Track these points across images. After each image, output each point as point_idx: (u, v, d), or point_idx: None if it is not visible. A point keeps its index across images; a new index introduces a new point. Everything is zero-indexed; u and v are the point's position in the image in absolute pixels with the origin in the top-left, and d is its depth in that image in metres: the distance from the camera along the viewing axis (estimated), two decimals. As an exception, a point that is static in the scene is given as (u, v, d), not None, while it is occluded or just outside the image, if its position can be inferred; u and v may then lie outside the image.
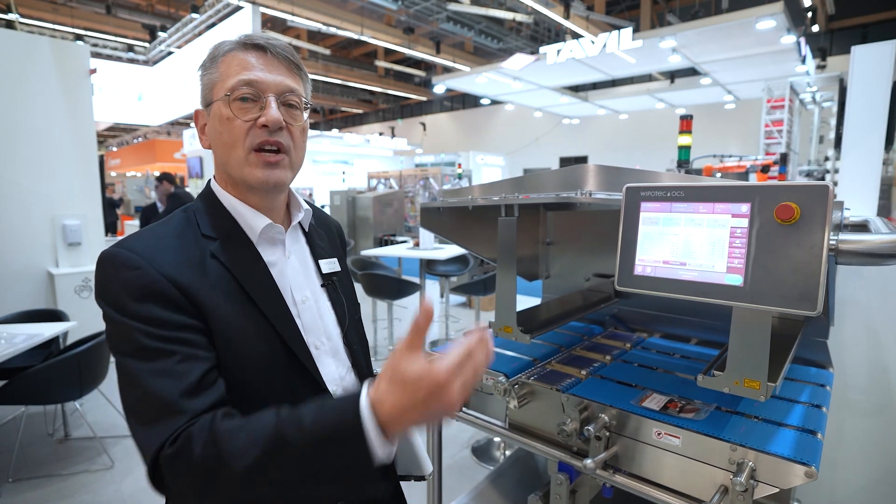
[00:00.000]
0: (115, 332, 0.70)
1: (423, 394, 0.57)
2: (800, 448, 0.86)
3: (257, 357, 0.77)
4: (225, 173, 0.84)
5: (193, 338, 0.70)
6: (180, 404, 0.64)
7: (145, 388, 0.65)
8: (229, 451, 0.59)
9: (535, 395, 1.15)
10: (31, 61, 3.96)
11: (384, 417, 0.58)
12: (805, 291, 0.67)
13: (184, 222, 0.81)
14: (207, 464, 0.59)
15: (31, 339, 2.63)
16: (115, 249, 0.73)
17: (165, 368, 0.66)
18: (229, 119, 0.79)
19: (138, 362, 0.67)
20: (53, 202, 4.10)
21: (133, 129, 20.45)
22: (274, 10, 9.77)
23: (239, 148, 0.79)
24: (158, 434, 0.62)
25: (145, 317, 0.68)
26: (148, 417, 0.65)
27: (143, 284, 0.70)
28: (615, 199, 1.02)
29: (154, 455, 0.62)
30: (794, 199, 0.69)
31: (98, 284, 0.73)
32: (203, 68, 0.84)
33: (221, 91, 0.80)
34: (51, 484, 2.66)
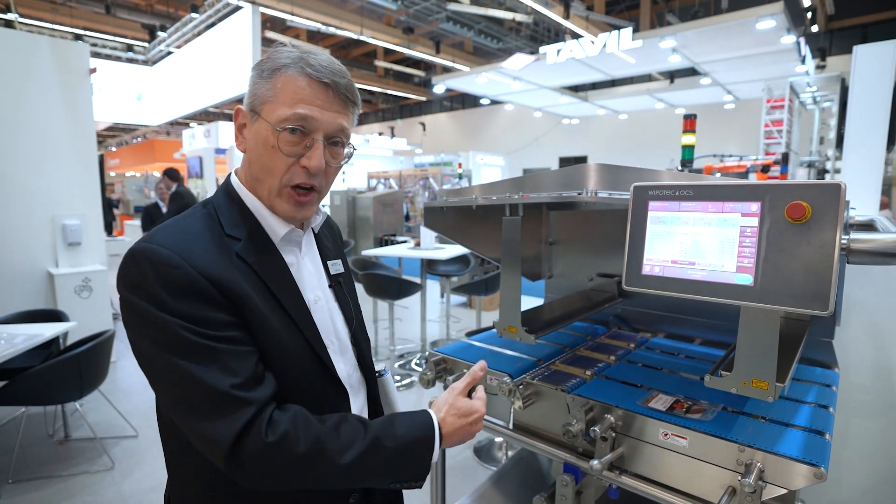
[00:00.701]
0: (154, 328, 0.69)
1: (471, 420, 0.88)
2: (808, 449, 0.85)
3: (288, 354, 0.79)
4: (253, 183, 0.84)
5: (238, 335, 0.73)
6: (246, 396, 0.69)
7: (204, 384, 0.68)
8: (334, 449, 0.71)
9: (540, 396, 1.14)
10: (31, 61, 3.95)
11: (445, 432, 0.84)
12: (817, 291, 0.67)
13: (206, 218, 0.81)
14: (312, 457, 0.70)
15: (31, 339, 2.62)
16: (151, 245, 0.71)
17: (220, 364, 0.69)
18: (273, 148, 0.78)
19: (189, 361, 0.68)
20: (53, 202, 4.09)
21: (132, 129, 20.43)
22: (273, 10, 9.75)
23: (276, 178, 0.80)
24: (231, 425, 0.67)
25: (189, 315, 0.69)
26: (213, 411, 0.68)
27: (185, 283, 0.70)
28: (618, 198, 1.02)
29: (232, 443, 0.67)
30: (806, 198, 0.68)
31: (131, 279, 0.71)
32: (259, 73, 0.80)
33: (272, 115, 0.77)
34: (51, 485, 2.65)
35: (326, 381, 0.85)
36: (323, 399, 0.84)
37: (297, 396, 0.80)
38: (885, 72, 3.87)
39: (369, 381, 0.99)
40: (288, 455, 0.69)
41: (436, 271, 4.61)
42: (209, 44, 8.34)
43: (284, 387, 0.78)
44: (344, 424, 0.75)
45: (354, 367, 0.95)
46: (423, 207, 1.50)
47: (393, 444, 0.76)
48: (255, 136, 0.80)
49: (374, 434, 0.75)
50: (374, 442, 0.75)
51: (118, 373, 4.22)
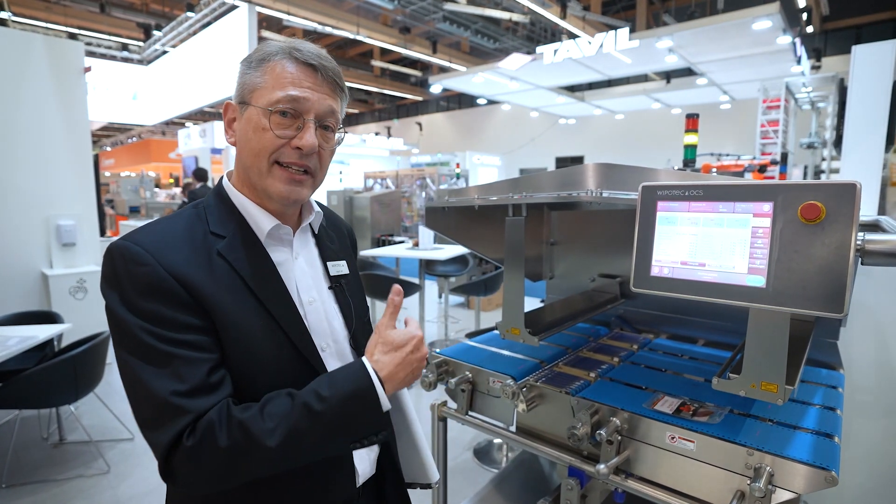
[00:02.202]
0: (118, 326, 0.70)
1: (409, 350, 0.80)
2: (818, 452, 0.84)
3: (264, 356, 0.77)
4: (245, 175, 0.83)
5: (197, 339, 0.71)
6: (185, 405, 0.67)
7: (148, 389, 0.67)
8: (259, 432, 0.66)
9: (543, 399, 1.13)
10: (25, 59, 3.91)
11: (385, 375, 0.76)
12: (831, 293, 0.65)
13: (193, 218, 0.81)
14: (237, 447, 0.66)
15: (24, 341, 2.58)
16: (125, 243, 0.72)
17: (170, 370, 0.68)
18: (264, 129, 0.77)
19: (142, 362, 0.68)
20: (47, 202, 4.04)
21: (127, 128, 20.32)
22: (270, 10, 9.72)
23: (264, 159, 0.79)
24: (166, 433, 0.66)
25: (151, 315, 0.69)
26: (153, 417, 0.68)
27: (151, 282, 0.70)
28: (621, 198, 1.01)
29: (165, 451, 0.66)
30: (820, 198, 0.67)
31: (105, 275, 0.73)
32: (248, 65, 0.81)
33: (263, 99, 0.78)
34: (46, 489, 2.61)
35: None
36: None
37: None
38: (883, 72, 3.88)
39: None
40: (212, 452, 0.66)
41: (434, 272, 4.60)
42: (205, 43, 8.30)
43: (261, 391, 0.75)
44: (269, 403, 0.70)
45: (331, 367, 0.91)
46: (420, 208, 1.49)
47: (324, 407, 0.70)
48: (246, 123, 0.80)
49: (301, 402, 0.70)
50: (302, 411, 0.69)
51: (114, 375, 4.17)
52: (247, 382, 0.75)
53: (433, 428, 1.33)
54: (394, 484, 0.97)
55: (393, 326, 0.81)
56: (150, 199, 12.13)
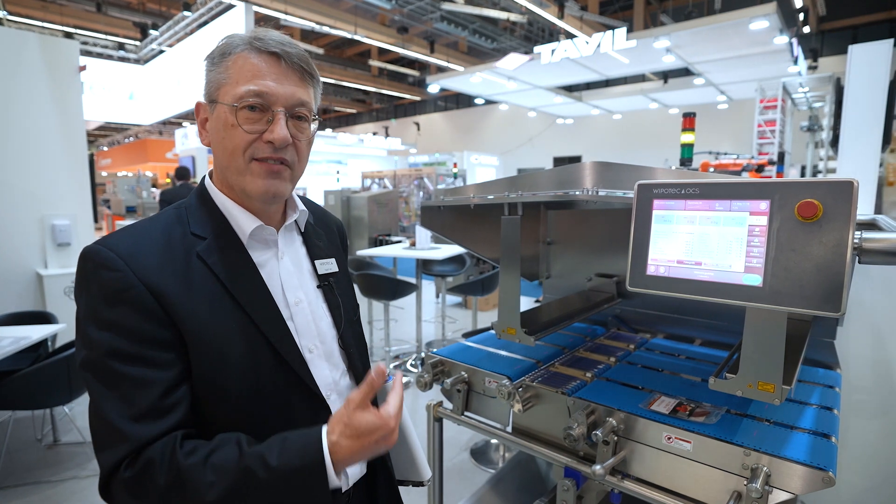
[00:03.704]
0: (81, 339, 0.70)
1: (374, 439, 0.69)
2: (815, 452, 0.83)
3: (240, 362, 0.74)
4: (223, 175, 0.81)
5: (157, 355, 0.69)
6: (126, 431, 0.65)
7: (99, 409, 0.67)
8: (196, 485, 0.64)
9: (539, 399, 1.12)
10: (19, 58, 3.88)
11: (339, 458, 0.68)
12: (829, 292, 0.65)
13: (173, 219, 0.79)
14: (172, 494, 0.64)
15: (18, 342, 2.57)
16: (97, 247, 0.71)
17: (119, 392, 0.67)
18: (233, 126, 0.75)
19: (96, 380, 0.67)
20: (42, 202, 4.02)
21: (124, 128, 20.26)
22: (267, 9, 9.69)
23: (239, 155, 0.76)
24: (108, 457, 0.65)
25: (113, 325, 0.68)
26: (100, 438, 0.67)
27: (119, 290, 0.68)
28: (618, 196, 1.00)
29: (107, 475, 0.66)
30: (817, 196, 0.66)
31: (76, 280, 0.72)
32: (210, 61, 0.79)
33: (228, 95, 0.75)
34: (39, 491, 2.59)
35: (298, 392, 0.79)
36: (292, 410, 0.78)
37: (261, 411, 0.75)
38: (879, 71, 3.89)
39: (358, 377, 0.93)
40: (150, 488, 0.64)
41: (431, 271, 4.59)
42: (202, 43, 8.26)
43: (242, 401, 0.73)
44: (218, 451, 0.66)
45: (343, 373, 0.89)
46: (418, 207, 1.48)
47: (266, 476, 0.65)
48: (216, 121, 0.78)
49: (245, 465, 0.65)
50: (243, 474, 0.65)
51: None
52: (220, 390, 0.72)
53: (429, 428, 1.32)
54: (385, 483, 0.95)
55: (366, 406, 0.70)
56: (147, 198, 12.09)
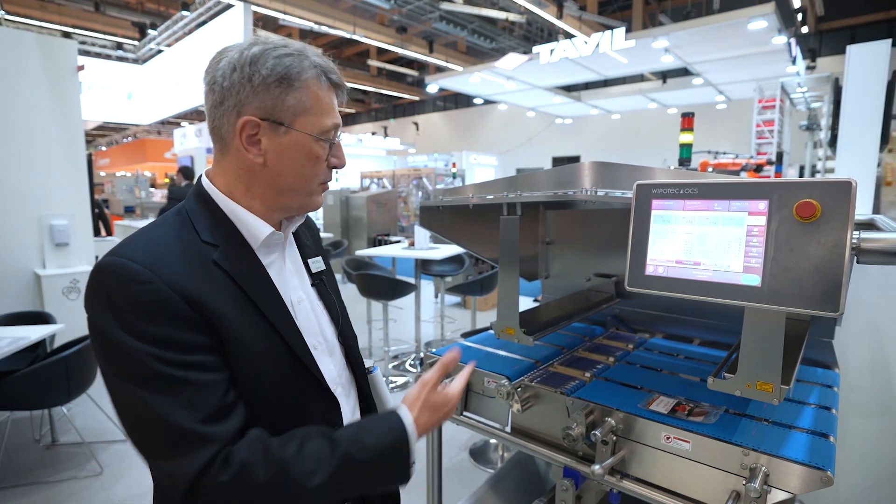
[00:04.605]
0: (116, 353, 0.65)
1: (444, 413, 0.86)
2: (814, 452, 0.84)
3: (266, 363, 0.76)
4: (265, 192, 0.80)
5: (206, 359, 0.68)
6: (205, 432, 0.65)
7: (161, 419, 0.64)
8: (298, 476, 0.67)
9: (538, 399, 1.12)
10: (17, 57, 3.87)
11: (418, 432, 0.80)
12: (827, 292, 0.65)
13: (179, 226, 0.76)
14: (276, 485, 0.66)
15: (16, 342, 2.56)
16: (118, 260, 0.67)
17: (183, 397, 0.65)
18: (318, 158, 0.80)
19: (149, 391, 0.64)
20: (40, 202, 4.01)
21: (123, 128, 20.21)
22: (266, 9, 9.68)
23: (313, 183, 0.82)
24: (191, 463, 0.63)
25: (156, 339, 0.65)
26: (170, 448, 0.64)
27: (155, 302, 0.66)
28: (617, 196, 1.00)
29: (192, 481, 0.63)
30: (816, 196, 0.66)
31: (96, 298, 0.67)
32: (276, 79, 0.74)
33: (312, 126, 0.77)
34: (38, 492, 2.59)
35: (312, 389, 0.82)
36: (310, 407, 0.81)
37: (281, 409, 0.77)
38: (877, 71, 3.89)
39: (360, 378, 0.96)
40: (246, 488, 0.65)
41: (430, 271, 4.58)
42: (200, 42, 8.24)
43: (266, 401, 0.75)
44: (308, 443, 0.70)
45: (343, 367, 0.92)
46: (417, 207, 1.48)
47: (365, 456, 0.72)
48: (292, 148, 0.77)
49: (344, 450, 0.71)
50: (344, 458, 0.71)
51: (107, 375, 4.15)
52: (251, 392, 0.74)
53: (428, 428, 1.32)
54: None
55: (437, 387, 0.85)
56: (146, 198, 12.08)
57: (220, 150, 0.80)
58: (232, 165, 0.79)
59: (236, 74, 0.73)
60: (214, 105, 0.76)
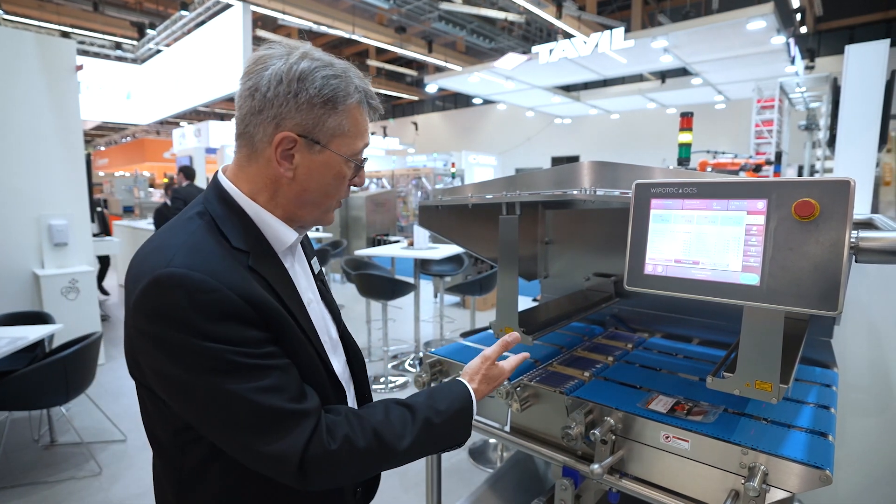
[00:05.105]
0: (197, 357, 0.67)
1: (497, 384, 0.96)
2: (812, 451, 0.84)
3: (300, 362, 0.78)
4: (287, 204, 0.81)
5: (275, 350, 0.73)
6: (302, 409, 0.71)
7: (258, 405, 0.68)
8: (390, 440, 0.76)
9: (538, 398, 1.12)
10: (16, 57, 3.86)
11: (477, 398, 0.91)
12: (825, 291, 0.65)
13: (207, 231, 0.76)
14: (373, 449, 0.74)
15: (14, 342, 2.56)
16: (178, 270, 0.67)
17: (273, 382, 0.70)
18: (344, 178, 0.82)
19: (241, 382, 0.67)
20: (39, 201, 4.00)
21: (121, 128, 20.18)
22: (265, 9, 9.67)
23: (334, 200, 0.85)
24: (296, 440, 0.69)
25: (231, 339, 0.68)
26: (276, 430, 0.69)
27: (224, 307, 0.68)
28: (616, 196, 1.00)
29: (300, 455, 0.69)
30: (814, 196, 0.66)
31: (159, 310, 0.67)
32: (322, 101, 0.75)
33: (345, 148, 0.79)
34: (36, 492, 2.59)
35: (329, 382, 0.85)
36: (330, 400, 0.85)
37: None
38: (876, 71, 3.89)
39: (356, 373, 0.99)
40: (351, 455, 0.73)
41: (429, 271, 4.58)
42: (199, 42, 8.23)
43: None
44: (391, 412, 0.80)
45: (345, 364, 0.96)
46: (416, 207, 1.48)
47: (440, 420, 0.82)
48: (322, 166, 0.79)
49: (423, 416, 0.81)
50: (424, 422, 0.80)
51: (106, 375, 4.14)
52: None
53: (427, 428, 1.32)
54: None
55: (494, 361, 0.96)
56: (145, 198, 12.06)
57: (246, 157, 0.79)
58: (259, 174, 0.79)
59: (282, 87, 0.73)
60: (252, 112, 0.75)
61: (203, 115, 18.03)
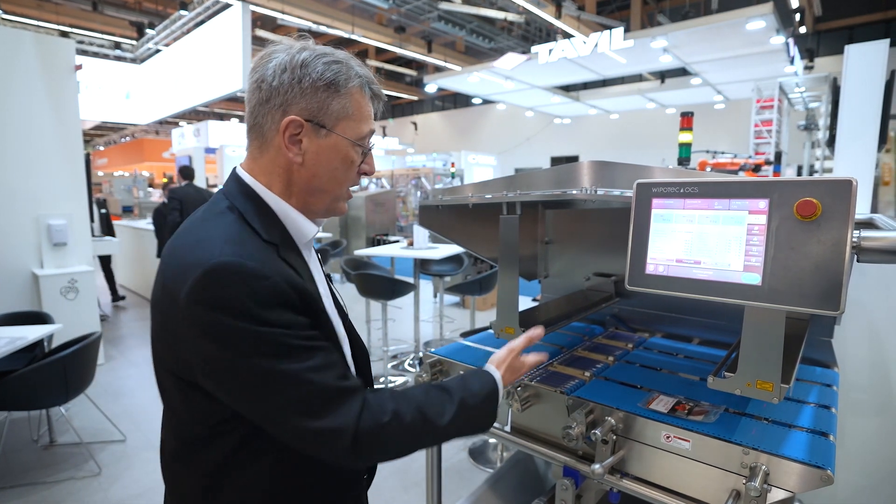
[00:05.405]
0: (253, 341, 0.69)
1: (518, 375, 1.01)
2: (813, 451, 0.84)
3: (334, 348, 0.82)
4: (301, 192, 0.83)
5: (318, 334, 0.77)
6: (351, 385, 0.75)
7: (311, 384, 0.71)
8: (433, 414, 0.80)
9: (538, 398, 1.12)
10: (15, 57, 3.86)
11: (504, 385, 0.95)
12: (827, 291, 0.65)
13: (240, 224, 0.78)
14: (417, 424, 0.78)
15: (13, 342, 2.55)
16: (234, 259, 0.70)
17: (323, 361, 0.74)
18: (353, 163, 0.84)
19: (294, 363, 0.71)
20: (38, 201, 4.00)
21: (120, 127, 20.15)
22: (264, 9, 9.66)
23: (344, 187, 0.86)
24: (348, 414, 0.72)
25: (282, 323, 0.71)
26: (324, 405, 0.72)
27: (276, 293, 0.71)
28: (617, 195, 1.00)
29: (354, 430, 0.72)
30: (816, 195, 0.66)
31: (217, 297, 0.69)
32: (324, 84, 0.78)
33: (350, 131, 0.81)
34: (35, 492, 2.58)
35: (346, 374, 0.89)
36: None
37: None
38: (876, 71, 3.90)
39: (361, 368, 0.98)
40: (400, 428, 0.76)
41: (429, 271, 4.58)
42: (198, 42, 8.23)
43: None
44: (430, 392, 0.84)
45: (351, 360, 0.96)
46: (415, 207, 1.48)
47: (474, 402, 0.87)
48: (330, 150, 0.81)
49: (460, 396, 0.85)
50: (460, 402, 0.84)
51: (105, 376, 4.14)
52: None
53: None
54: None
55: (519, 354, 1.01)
56: (144, 198, 12.05)
57: (258, 148, 0.82)
58: (272, 163, 0.81)
59: (286, 75, 0.76)
60: (260, 103, 0.79)
61: (202, 114, 18.01)
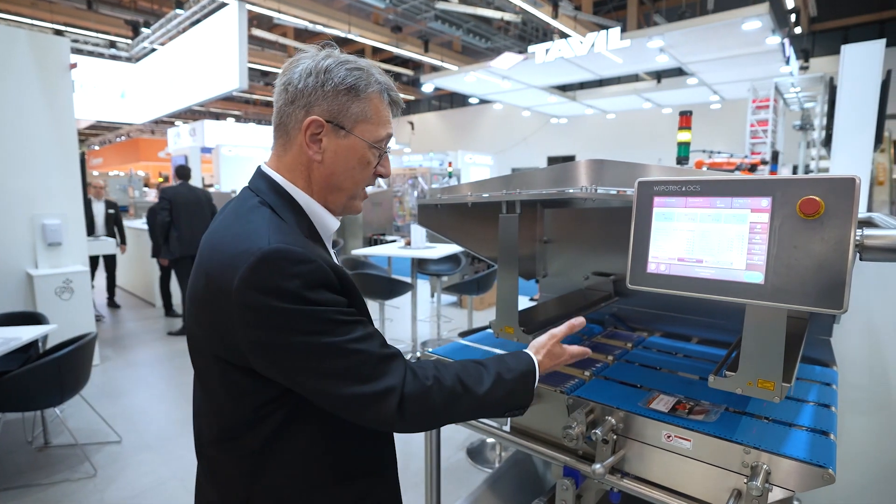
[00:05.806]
0: (304, 320, 0.74)
1: (558, 362, 1.02)
2: (814, 450, 0.83)
3: None
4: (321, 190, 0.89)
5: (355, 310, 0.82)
6: (393, 352, 0.81)
7: (359, 352, 0.77)
8: (471, 383, 0.85)
9: (538, 398, 1.11)
10: (8, 55, 3.83)
11: (540, 369, 0.97)
12: (830, 289, 0.65)
13: (271, 215, 0.82)
14: (457, 390, 0.83)
15: (8, 342, 2.53)
16: (282, 246, 0.75)
17: (365, 332, 0.79)
18: (369, 164, 0.89)
19: (343, 336, 0.76)
20: (32, 201, 3.96)
21: (116, 127, 20.05)
22: (260, 8, 9.62)
23: (360, 187, 0.91)
24: (395, 376, 0.78)
25: (328, 301, 0.77)
26: (372, 371, 0.77)
27: (321, 276, 0.77)
28: (617, 194, 0.99)
29: (401, 391, 0.78)
30: (819, 193, 0.66)
31: (268, 282, 0.74)
32: (346, 88, 0.84)
33: (369, 134, 0.86)
34: (30, 494, 2.56)
35: None
36: None
37: None
38: (871, 71, 3.92)
39: None
40: (442, 394, 0.81)
41: (426, 271, 4.57)
42: (194, 41, 8.18)
43: None
44: (467, 364, 0.89)
45: None
46: (412, 207, 1.47)
47: (510, 377, 0.90)
48: (347, 151, 0.86)
49: (496, 370, 0.90)
50: (497, 375, 0.88)
51: (100, 376, 4.11)
52: None
53: (426, 428, 1.31)
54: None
55: (560, 341, 1.02)
56: (139, 198, 11.99)
57: (282, 146, 0.88)
58: (294, 161, 0.87)
59: (311, 79, 0.83)
60: (286, 103, 0.85)
61: (198, 114, 17.93)
